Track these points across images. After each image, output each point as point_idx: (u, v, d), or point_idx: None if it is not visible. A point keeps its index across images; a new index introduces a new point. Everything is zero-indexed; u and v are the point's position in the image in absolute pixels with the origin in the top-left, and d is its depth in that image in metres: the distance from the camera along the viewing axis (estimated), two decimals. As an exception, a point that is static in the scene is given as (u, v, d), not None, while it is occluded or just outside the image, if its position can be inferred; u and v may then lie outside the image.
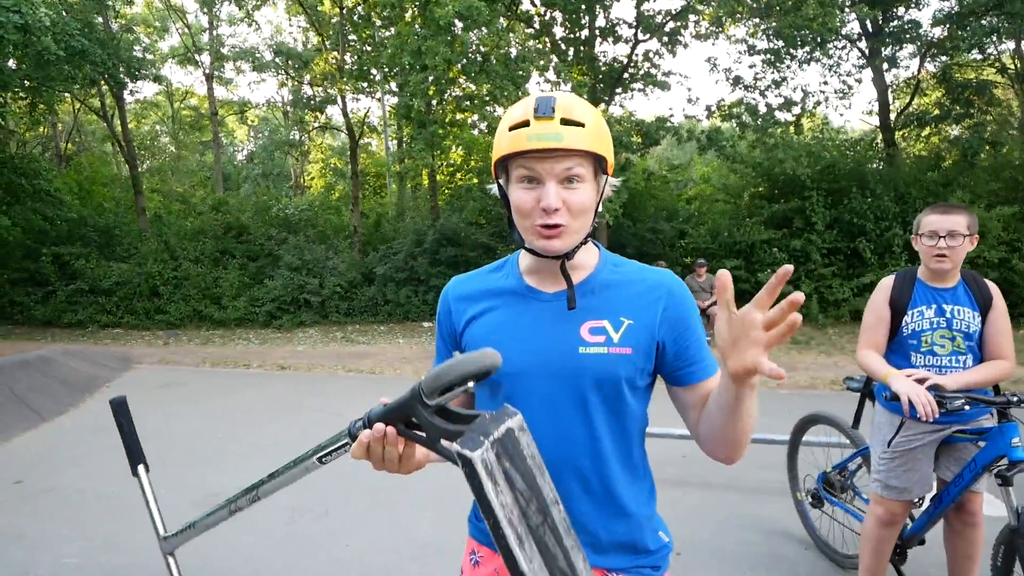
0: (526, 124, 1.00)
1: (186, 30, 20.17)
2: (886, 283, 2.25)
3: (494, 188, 1.13)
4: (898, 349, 2.22)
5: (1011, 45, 10.87)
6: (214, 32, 19.90)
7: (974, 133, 10.71)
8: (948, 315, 2.14)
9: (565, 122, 0.99)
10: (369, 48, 13.89)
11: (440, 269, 12.19)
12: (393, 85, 13.32)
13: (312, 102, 16.68)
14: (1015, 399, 1.98)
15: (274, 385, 7.30)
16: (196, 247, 13.78)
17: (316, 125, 19.14)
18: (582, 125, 1.00)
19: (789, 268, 0.78)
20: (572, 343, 1.06)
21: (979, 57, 11.06)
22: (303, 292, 12.49)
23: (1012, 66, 11.23)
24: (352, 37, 14.64)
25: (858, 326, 2.34)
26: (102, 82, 14.14)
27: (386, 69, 11.60)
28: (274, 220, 14.60)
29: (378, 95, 16.19)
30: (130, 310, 13.31)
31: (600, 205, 1.09)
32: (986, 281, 2.21)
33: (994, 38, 10.32)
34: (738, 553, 3.00)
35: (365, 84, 14.82)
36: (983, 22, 10.03)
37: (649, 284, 1.10)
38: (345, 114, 15.34)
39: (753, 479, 3.80)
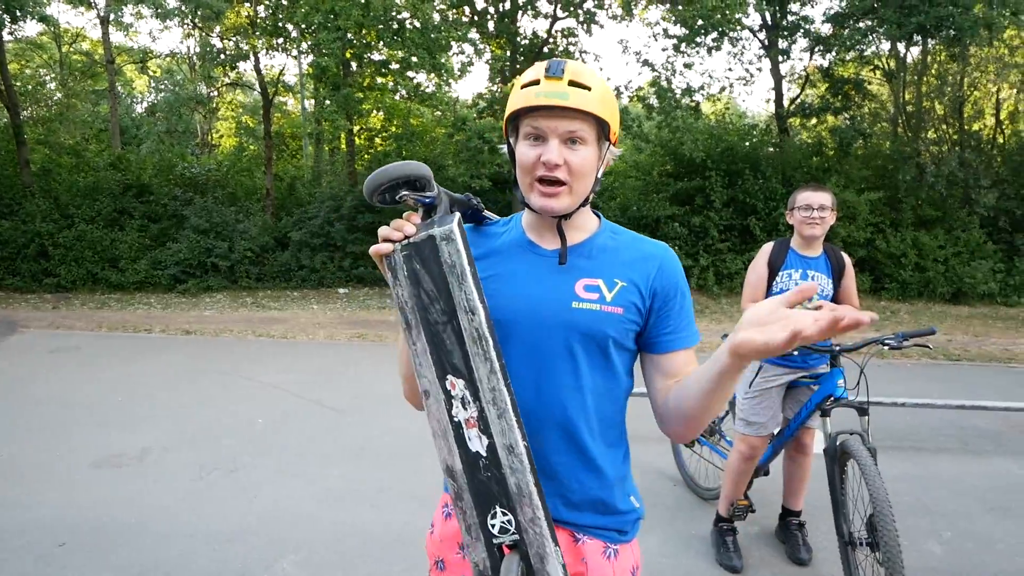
0: (537, 83, 1.04)
1: (75, -35, 18.30)
2: (766, 248, 2.69)
3: (504, 147, 1.18)
4: None
5: (886, 47, 12.01)
6: (108, -29, 18.19)
7: (850, 125, 11.84)
8: (809, 280, 2.61)
9: (573, 84, 1.03)
10: (285, 2, 13.28)
11: (357, 235, 12.10)
12: (308, 43, 12.86)
13: (222, 56, 15.75)
14: (838, 348, 2.48)
15: (179, 350, 7.14)
16: (91, 206, 12.87)
17: (227, 81, 18.08)
18: (589, 89, 1.03)
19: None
20: (566, 297, 1.09)
21: (858, 55, 12.14)
22: (211, 256, 12.01)
23: (885, 66, 12.41)
24: (265, -12, 13.90)
25: (749, 296, 2.78)
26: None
27: (302, 26, 11.22)
28: (179, 179, 13.82)
29: (294, 52, 15.54)
30: (12, 271, 12.32)
31: (601, 171, 1.13)
32: (842, 254, 2.71)
33: (872, 38, 11.36)
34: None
35: (280, 40, 14.18)
36: (860, 25, 11.02)
37: (644, 253, 1.14)
38: (258, 71, 14.64)
39: (639, 427, 4.27)
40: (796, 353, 2.45)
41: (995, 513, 3.22)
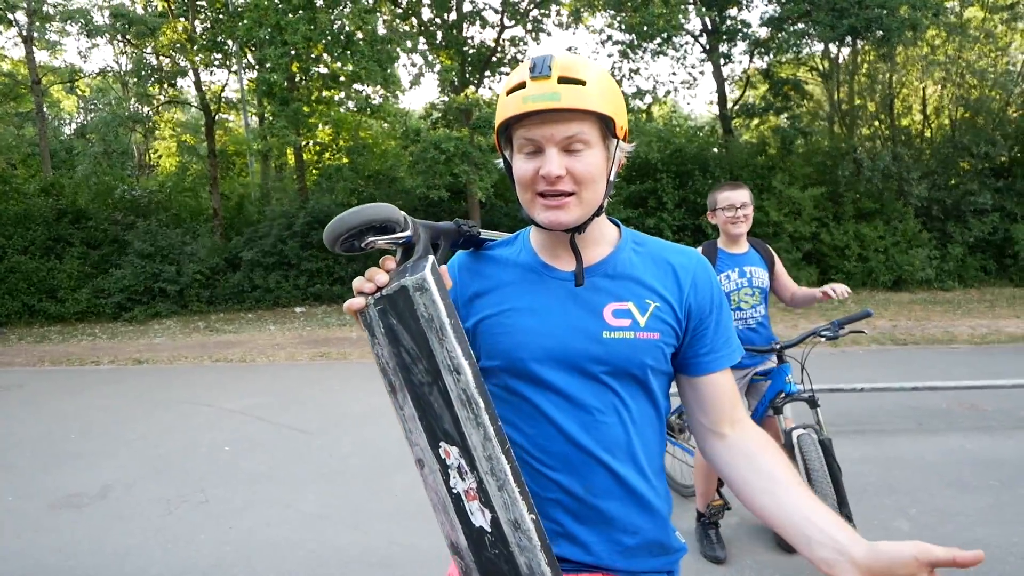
0: (522, 86, 0.91)
1: (-7, -17, 17.36)
2: None
3: (500, 163, 1.05)
4: None
5: (820, 47, 12.63)
6: (31, -13, 17.32)
7: (791, 124, 12.38)
8: (749, 275, 2.67)
9: (564, 80, 0.89)
10: (223, 16, 12.97)
11: (312, 252, 11.86)
12: (251, 58, 12.59)
13: (159, 74, 15.21)
14: (778, 346, 2.56)
15: (131, 380, 6.83)
16: (24, 235, 12.20)
17: (164, 99, 17.47)
18: (583, 83, 0.90)
19: (979, 556, 0.72)
20: (595, 327, 0.97)
21: (795, 57, 12.73)
22: (158, 281, 11.56)
23: (821, 66, 13.04)
24: (202, 2, 13.55)
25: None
26: None
27: (243, 39, 10.97)
28: (119, 203, 13.28)
29: (234, 67, 15.16)
30: (-62, 308, 11.57)
31: (613, 173, 0.99)
32: (766, 245, 2.83)
33: (806, 41, 11.94)
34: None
35: (219, 56, 13.82)
36: (796, 27, 11.57)
37: (675, 265, 1.02)
38: (199, 88, 14.21)
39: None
40: (742, 360, 2.52)
41: (953, 487, 3.39)
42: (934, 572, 0.73)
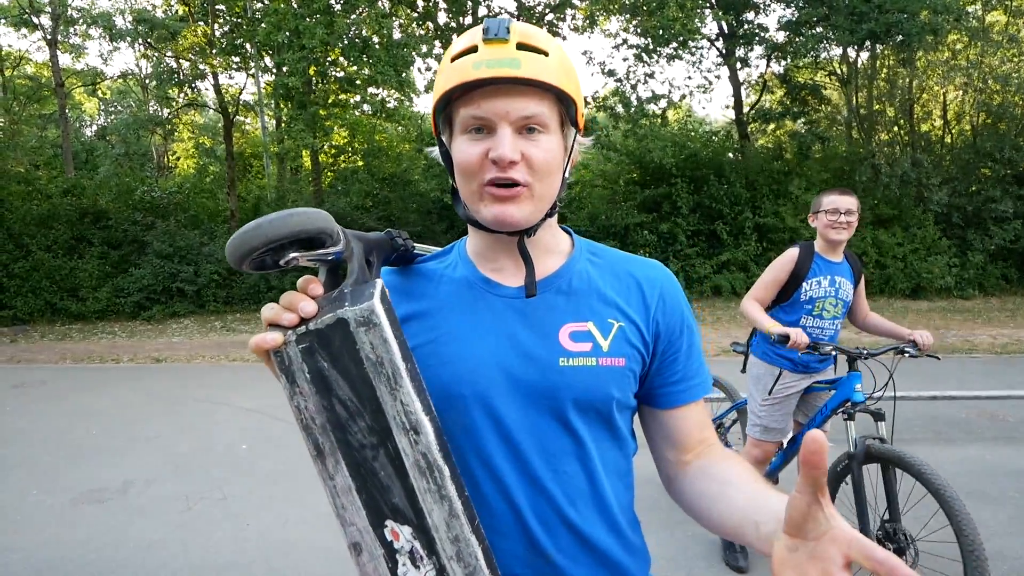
0: (473, 50, 0.75)
1: (20, -13, 17.73)
2: (792, 253, 2.63)
3: (435, 151, 0.87)
4: (791, 310, 2.63)
5: (839, 52, 12.54)
6: (56, -8, 17.67)
7: (808, 129, 12.29)
8: (838, 285, 2.59)
9: (524, 47, 0.74)
10: (241, 21, 13.16)
11: (327, 254, 11.95)
12: (268, 61, 12.76)
13: (179, 76, 15.45)
14: (863, 352, 2.45)
15: (151, 379, 6.93)
16: (47, 234, 12.43)
17: (183, 102, 17.73)
18: (545, 54, 0.75)
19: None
20: (550, 353, 0.80)
21: (813, 62, 12.66)
22: (176, 281, 11.73)
23: (839, 71, 12.96)
24: (221, 7, 13.76)
25: (719, 299, 2.79)
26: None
27: (261, 43, 11.12)
28: (139, 204, 13.49)
29: (252, 71, 15.37)
30: (-37, 305, 11.81)
31: (569, 170, 0.84)
32: (859, 260, 2.73)
33: (824, 45, 11.87)
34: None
35: (237, 59, 14.01)
36: (814, 31, 11.50)
37: (639, 278, 0.87)
38: (218, 91, 14.41)
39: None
40: (834, 353, 2.44)
41: (973, 498, 3.34)
42: (849, 567, 0.54)
